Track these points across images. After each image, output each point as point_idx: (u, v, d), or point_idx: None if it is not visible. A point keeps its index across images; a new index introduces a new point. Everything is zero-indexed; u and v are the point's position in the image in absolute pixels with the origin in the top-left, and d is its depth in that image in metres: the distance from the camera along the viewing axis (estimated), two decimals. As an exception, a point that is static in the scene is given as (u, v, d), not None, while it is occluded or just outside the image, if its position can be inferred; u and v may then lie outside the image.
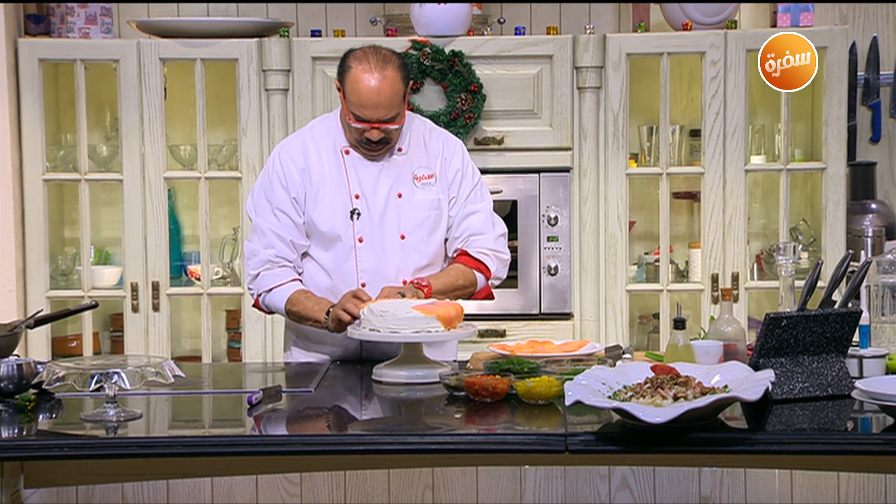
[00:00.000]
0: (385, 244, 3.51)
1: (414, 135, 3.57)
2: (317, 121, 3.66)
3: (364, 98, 3.39)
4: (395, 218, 3.51)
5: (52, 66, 4.84)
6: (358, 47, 3.48)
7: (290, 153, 3.55)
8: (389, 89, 3.38)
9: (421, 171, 3.55)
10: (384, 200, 3.51)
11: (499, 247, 3.59)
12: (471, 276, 3.55)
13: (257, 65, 4.68)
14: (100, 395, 2.92)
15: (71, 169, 4.81)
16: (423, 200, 3.53)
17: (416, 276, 3.52)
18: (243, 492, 4.15)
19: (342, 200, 3.51)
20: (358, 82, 3.39)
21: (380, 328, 3.20)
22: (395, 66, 3.41)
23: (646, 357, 3.40)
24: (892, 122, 5.11)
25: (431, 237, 3.55)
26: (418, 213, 3.53)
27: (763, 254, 4.93)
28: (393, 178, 3.53)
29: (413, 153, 3.56)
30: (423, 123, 3.64)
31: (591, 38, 4.67)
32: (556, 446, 2.67)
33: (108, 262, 5.02)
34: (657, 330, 4.86)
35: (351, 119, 3.44)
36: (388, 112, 3.41)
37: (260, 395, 3.02)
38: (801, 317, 2.92)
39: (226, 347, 5.04)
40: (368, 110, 3.40)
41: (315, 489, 4.14)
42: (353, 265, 3.51)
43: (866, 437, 2.75)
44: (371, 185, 3.52)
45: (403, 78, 3.42)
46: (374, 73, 3.38)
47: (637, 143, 4.88)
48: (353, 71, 3.40)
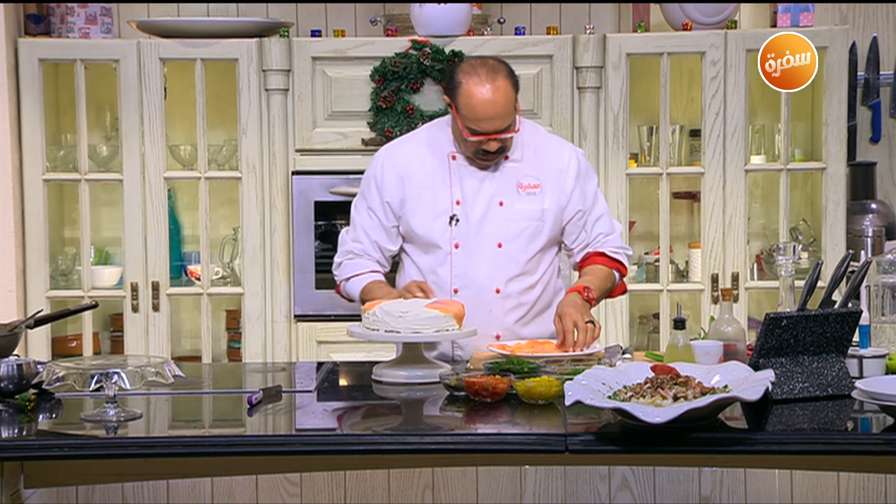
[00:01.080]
0: (481, 251, 3.51)
1: (526, 143, 3.56)
2: (429, 126, 3.67)
3: (479, 112, 3.38)
4: (493, 225, 3.52)
5: (52, 66, 4.84)
6: (464, 61, 3.50)
7: (393, 159, 3.58)
8: (503, 99, 3.38)
9: (527, 181, 3.54)
10: (484, 207, 3.52)
11: (623, 243, 3.66)
12: (613, 277, 3.60)
13: (257, 65, 4.68)
14: (100, 395, 2.92)
15: (71, 169, 4.81)
16: (524, 210, 3.53)
17: (508, 285, 3.52)
18: (243, 492, 4.15)
19: (442, 206, 3.53)
20: (471, 97, 3.38)
21: (400, 329, 3.20)
22: (504, 75, 3.41)
23: (646, 357, 3.40)
24: (892, 122, 5.12)
25: (529, 246, 3.54)
26: (518, 223, 3.52)
27: (763, 254, 4.93)
28: (496, 186, 3.53)
29: (522, 161, 3.55)
30: (534, 130, 3.63)
31: (591, 38, 4.67)
32: (556, 446, 2.67)
33: (108, 262, 5.02)
34: (657, 330, 4.86)
35: (467, 133, 3.43)
36: (503, 122, 3.41)
37: (260, 395, 3.02)
38: (801, 317, 2.92)
39: (226, 347, 5.04)
40: (484, 123, 3.39)
41: (315, 489, 4.13)
42: (448, 270, 3.53)
43: (866, 437, 2.75)
44: (473, 192, 3.52)
45: (514, 85, 3.43)
46: (486, 86, 3.37)
47: (637, 143, 4.88)
48: (465, 86, 3.39)
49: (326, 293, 4.73)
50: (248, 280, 4.76)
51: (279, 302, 4.74)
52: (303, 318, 4.76)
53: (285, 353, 4.74)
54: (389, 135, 4.63)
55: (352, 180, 4.71)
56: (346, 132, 4.72)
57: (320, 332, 4.75)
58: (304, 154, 4.74)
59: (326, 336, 4.73)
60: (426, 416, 3.04)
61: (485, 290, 3.50)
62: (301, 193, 4.72)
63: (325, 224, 4.76)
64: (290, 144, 4.72)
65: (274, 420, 2.95)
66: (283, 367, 3.75)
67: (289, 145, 4.72)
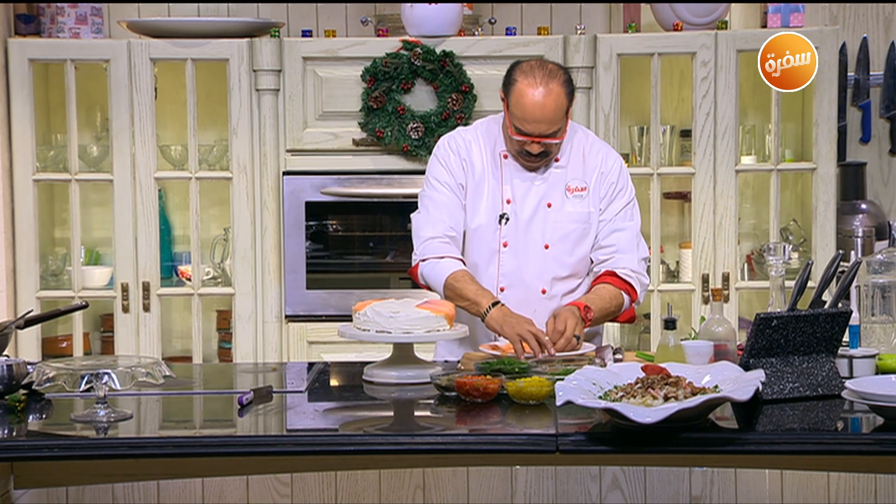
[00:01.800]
0: (528, 251, 3.52)
1: (574, 148, 3.58)
2: (482, 122, 3.67)
3: (528, 112, 3.40)
4: (541, 226, 3.53)
5: (43, 66, 4.83)
6: (525, 60, 3.50)
7: (456, 144, 3.59)
8: (553, 105, 3.39)
9: (575, 184, 3.56)
10: (533, 208, 3.53)
11: (641, 269, 3.57)
12: (619, 300, 3.52)
13: (248, 65, 4.68)
14: (90, 396, 2.92)
15: (61, 169, 4.80)
16: (572, 212, 3.54)
17: (554, 286, 3.53)
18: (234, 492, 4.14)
19: (494, 203, 3.54)
20: (522, 96, 3.40)
21: (391, 329, 3.20)
22: (559, 82, 3.41)
23: (637, 357, 3.41)
24: (882, 122, 5.13)
25: (576, 249, 3.55)
26: (566, 225, 3.53)
27: (753, 254, 4.93)
28: (546, 188, 3.54)
29: (570, 166, 3.57)
30: (585, 136, 3.64)
31: (582, 39, 4.67)
32: (546, 446, 2.67)
33: (98, 262, 5.01)
34: (648, 330, 4.86)
35: (512, 132, 3.45)
36: (549, 127, 3.42)
37: (251, 395, 3.01)
38: (791, 317, 2.92)
39: (216, 348, 5.03)
40: (531, 125, 3.41)
41: (306, 489, 4.13)
42: (496, 268, 3.54)
43: (856, 437, 2.76)
44: (523, 193, 3.54)
45: (568, 94, 3.43)
46: (539, 88, 3.39)
47: (628, 144, 4.89)
48: (519, 85, 3.41)
49: (317, 293, 4.74)
50: (238, 280, 4.75)
51: (270, 302, 4.74)
52: (294, 319, 4.76)
53: (276, 354, 4.74)
54: (380, 135, 4.63)
55: (343, 180, 4.71)
56: (337, 132, 4.71)
57: (311, 333, 4.74)
58: (294, 154, 4.73)
59: (317, 336, 4.73)
60: (417, 416, 3.04)
61: (531, 291, 3.52)
62: (292, 194, 4.71)
63: (316, 224, 4.76)
64: (280, 145, 4.72)
65: (265, 420, 2.94)
66: (273, 367, 3.74)
67: (280, 145, 4.72)
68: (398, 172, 4.72)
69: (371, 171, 4.73)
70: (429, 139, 4.60)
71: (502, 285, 3.54)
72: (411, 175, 4.66)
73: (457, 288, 3.44)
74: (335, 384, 3.41)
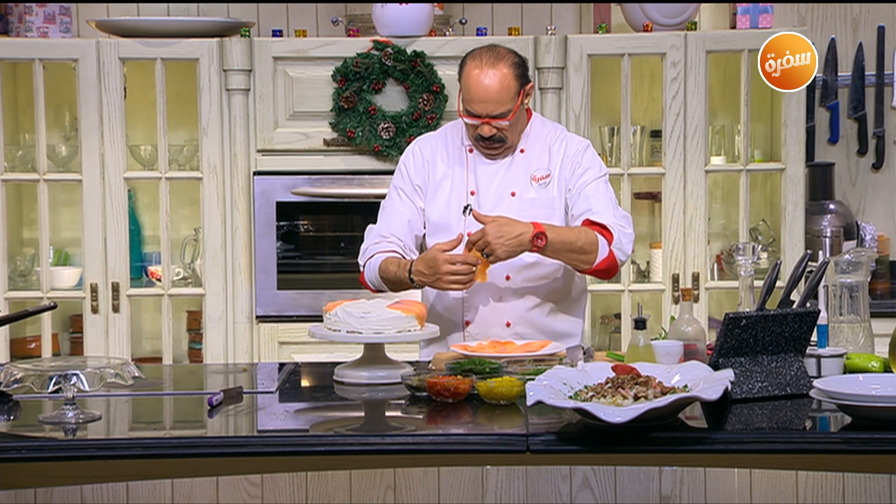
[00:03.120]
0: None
1: (540, 138, 3.61)
2: (451, 123, 3.73)
3: (474, 92, 3.46)
4: (505, 215, 3.51)
5: (11, 65, 4.80)
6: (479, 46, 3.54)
7: (421, 146, 3.67)
8: (498, 84, 3.43)
9: (539, 172, 3.58)
10: (497, 197, 3.56)
11: (622, 222, 3.49)
12: (593, 238, 3.41)
13: (218, 65, 4.66)
14: (58, 397, 2.90)
15: (29, 169, 4.77)
16: (535, 199, 3.56)
17: (521, 274, 3.54)
18: (204, 493, 4.13)
19: (458, 195, 3.58)
20: (469, 77, 3.47)
21: (361, 329, 3.20)
22: (507, 64, 3.46)
23: (607, 357, 3.41)
24: (850, 122, 5.16)
25: None
26: (530, 212, 3.53)
27: (723, 254, 4.96)
28: (510, 178, 3.58)
29: (535, 155, 3.59)
30: (554, 129, 3.66)
31: (553, 39, 4.68)
32: (517, 446, 2.67)
33: (67, 262, 4.98)
34: (619, 330, 4.88)
35: (461, 114, 3.51)
36: (496, 107, 3.45)
37: (221, 396, 3.00)
38: (759, 317, 2.94)
39: (187, 349, 5.01)
40: (477, 104, 3.46)
41: (276, 490, 4.12)
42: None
43: (824, 435, 2.78)
44: (486, 183, 3.57)
45: (517, 76, 3.47)
46: (485, 69, 3.45)
47: (598, 144, 4.90)
48: (467, 67, 3.49)
49: (288, 294, 4.72)
50: (209, 281, 4.74)
51: (240, 303, 4.72)
52: (264, 319, 4.74)
53: (247, 354, 4.72)
54: (351, 135, 4.62)
55: (314, 180, 4.70)
56: (307, 132, 4.71)
57: (282, 333, 4.73)
58: (265, 154, 4.72)
59: (288, 337, 4.72)
60: (388, 416, 3.04)
61: (495, 278, 3.52)
62: (262, 194, 4.70)
63: (287, 225, 4.74)
64: (251, 145, 4.70)
65: (235, 421, 2.94)
66: (244, 367, 3.73)
67: (250, 145, 4.70)
68: (369, 173, 4.71)
69: (342, 172, 4.72)
70: (400, 139, 4.60)
71: None
72: (382, 175, 4.65)
73: (387, 272, 3.49)
74: (306, 385, 3.40)
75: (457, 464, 3.64)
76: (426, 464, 3.49)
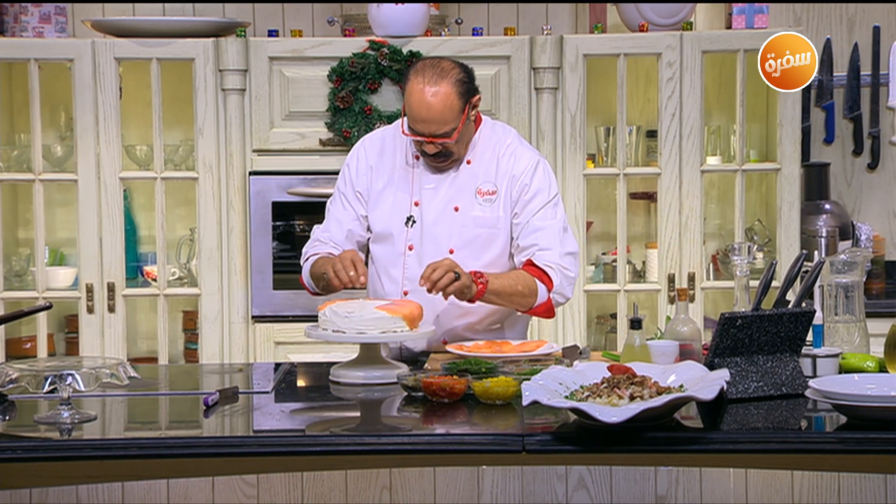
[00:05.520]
0: (433, 255, 3.44)
1: (488, 148, 3.52)
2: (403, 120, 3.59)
3: (415, 112, 3.37)
4: (446, 231, 3.49)
5: (6, 65, 4.79)
6: (424, 58, 3.47)
7: (368, 149, 3.59)
8: (440, 105, 3.34)
9: (486, 186, 3.50)
10: (439, 212, 3.49)
11: (566, 263, 3.46)
12: (532, 285, 3.42)
13: (214, 65, 4.66)
14: (54, 397, 2.90)
15: (25, 169, 4.77)
16: (479, 217, 3.49)
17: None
18: (199, 493, 4.12)
19: (401, 205, 3.51)
20: (411, 95, 3.37)
21: (345, 329, 3.19)
22: (450, 82, 3.36)
23: (603, 357, 3.42)
24: (846, 123, 5.17)
25: (483, 254, 3.49)
26: (472, 229, 3.49)
27: (719, 254, 4.96)
28: (455, 191, 3.50)
29: (481, 166, 3.51)
30: (504, 136, 3.56)
31: (549, 39, 4.68)
32: (513, 446, 2.68)
33: (62, 262, 4.97)
34: (614, 330, 4.88)
35: (404, 130, 3.43)
36: (439, 127, 3.37)
37: (216, 396, 3.00)
38: (755, 317, 2.94)
39: (182, 349, 5.01)
40: (419, 124, 3.38)
41: (272, 490, 4.12)
42: (400, 271, 3.51)
43: (820, 435, 2.78)
44: (431, 195, 3.50)
45: (460, 93, 3.37)
46: (427, 88, 3.34)
47: (594, 144, 4.90)
48: (410, 83, 3.39)
49: (284, 294, 4.72)
50: (204, 281, 4.73)
51: (236, 303, 4.72)
52: (260, 319, 4.74)
53: (243, 354, 4.72)
54: (347, 135, 4.62)
55: (309, 180, 4.70)
56: (303, 132, 4.70)
57: (278, 333, 4.73)
58: (261, 154, 4.72)
59: (284, 337, 4.72)
60: (384, 416, 3.04)
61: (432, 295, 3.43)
62: (258, 194, 4.70)
63: (283, 224, 4.74)
64: (247, 145, 4.70)
65: (231, 421, 2.94)
66: (240, 368, 3.72)
67: (246, 145, 4.70)
68: (365, 172, 4.71)
69: (338, 172, 4.69)
70: (395, 139, 4.60)
71: (405, 289, 3.51)
72: (378, 175, 4.65)
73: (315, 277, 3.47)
74: (302, 385, 3.40)
75: (453, 464, 3.64)
76: (422, 464, 3.49)
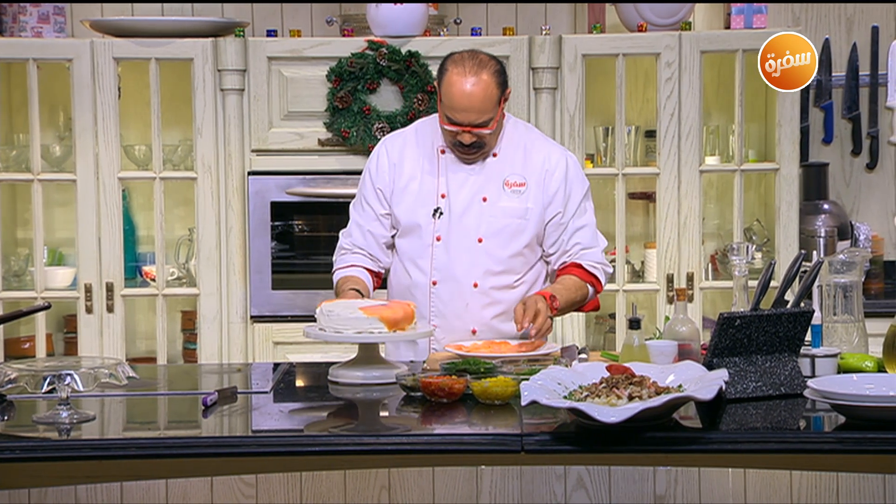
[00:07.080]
0: (461, 245, 3.53)
1: (514, 141, 3.59)
2: (423, 120, 3.72)
3: (456, 101, 3.43)
4: (475, 221, 3.54)
5: (5, 65, 4.79)
6: (459, 51, 3.53)
7: (389, 147, 3.65)
8: (482, 94, 3.42)
9: (514, 178, 3.57)
10: (467, 202, 3.55)
11: (605, 260, 3.65)
12: (585, 291, 3.60)
13: (212, 64, 4.66)
14: (53, 397, 2.90)
15: (24, 169, 4.77)
16: (508, 207, 3.55)
17: (486, 280, 3.54)
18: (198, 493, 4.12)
19: (428, 198, 3.57)
20: (451, 86, 3.43)
21: (326, 328, 3.21)
22: (490, 72, 3.44)
23: (601, 357, 3.42)
24: (844, 123, 5.17)
25: (511, 243, 3.56)
26: (501, 219, 3.55)
27: (717, 254, 4.96)
28: (482, 182, 3.56)
29: (509, 158, 3.58)
30: (527, 131, 3.66)
31: (547, 39, 4.68)
32: (511, 446, 2.68)
33: (61, 262, 4.97)
34: (613, 330, 4.88)
35: (443, 121, 3.48)
36: (479, 116, 3.44)
37: (215, 396, 3.00)
38: (754, 317, 2.94)
39: (181, 349, 5.01)
40: (460, 114, 3.44)
41: (271, 490, 4.12)
42: (428, 262, 3.56)
43: (818, 435, 2.78)
44: (458, 186, 3.56)
45: (498, 84, 3.46)
46: (468, 77, 3.42)
47: (593, 144, 4.91)
48: (449, 74, 3.45)
49: (283, 294, 4.72)
50: (203, 281, 4.73)
51: (235, 303, 4.72)
52: (259, 319, 4.74)
53: (241, 354, 4.72)
54: (346, 135, 4.62)
55: (308, 180, 4.70)
56: (302, 132, 4.70)
57: (276, 333, 4.73)
58: (259, 154, 4.72)
59: (283, 337, 4.72)
60: (382, 416, 3.04)
61: (462, 285, 3.54)
62: (257, 194, 4.70)
63: (282, 224, 4.74)
64: (245, 145, 4.70)
65: (229, 421, 2.94)
66: (238, 368, 3.73)
67: (244, 145, 4.70)
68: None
69: (337, 171, 4.72)
70: (394, 139, 4.60)
71: (434, 279, 3.57)
72: (377, 175, 4.65)
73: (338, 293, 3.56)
74: (300, 385, 3.40)
75: (451, 464, 3.64)
76: (421, 464, 3.49)
